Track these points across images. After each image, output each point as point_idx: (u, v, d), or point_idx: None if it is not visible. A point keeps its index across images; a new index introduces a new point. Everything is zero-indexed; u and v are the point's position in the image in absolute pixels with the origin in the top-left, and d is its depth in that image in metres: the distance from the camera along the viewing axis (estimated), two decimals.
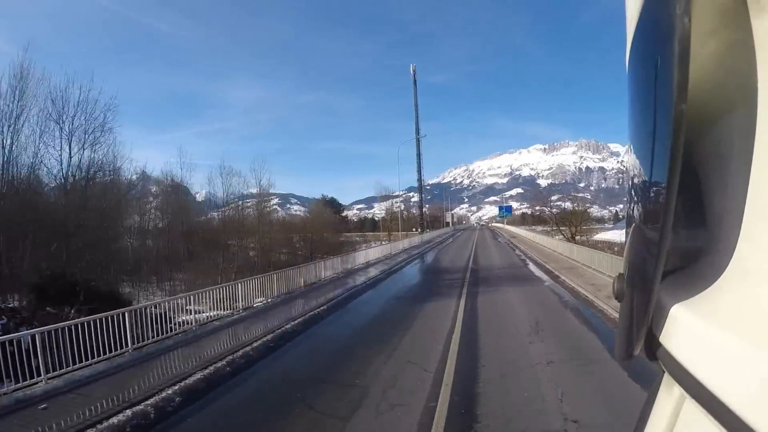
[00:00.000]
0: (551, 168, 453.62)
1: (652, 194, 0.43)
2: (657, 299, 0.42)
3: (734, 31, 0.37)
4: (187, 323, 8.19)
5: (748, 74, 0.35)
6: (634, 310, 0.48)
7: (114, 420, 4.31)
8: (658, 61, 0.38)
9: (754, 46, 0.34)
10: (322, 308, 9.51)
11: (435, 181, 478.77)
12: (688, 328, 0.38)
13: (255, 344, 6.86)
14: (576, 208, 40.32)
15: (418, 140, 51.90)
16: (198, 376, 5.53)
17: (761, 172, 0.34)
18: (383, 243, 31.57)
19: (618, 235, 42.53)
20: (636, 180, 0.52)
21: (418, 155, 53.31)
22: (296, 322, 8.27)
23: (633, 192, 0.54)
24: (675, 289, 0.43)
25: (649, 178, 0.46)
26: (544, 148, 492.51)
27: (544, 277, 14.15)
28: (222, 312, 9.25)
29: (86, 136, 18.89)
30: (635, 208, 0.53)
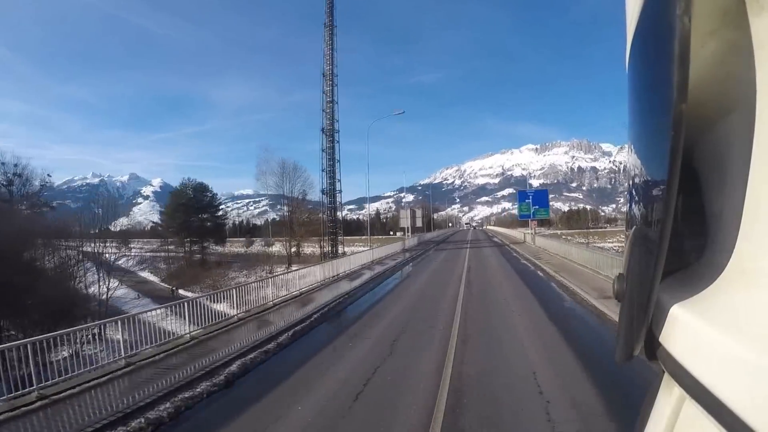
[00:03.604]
0: (543, 168, 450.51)
1: (652, 194, 0.43)
2: (657, 299, 0.42)
3: (734, 31, 0.36)
4: None
5: (747, 74, 0.35)
6: (634, 310, 0.47)
7: None
8: (658, 61, 0.37)
9: (754, 46, 0.34)
10: None
11: (426, 181, 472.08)
12: (687, 328, 0.38)
13: None
14: None
15: (331, 57, 29.70)
16: None
17: (760, 172, 0.34)
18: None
19: None
20: (636, 180, 0.51)
21: (329, 101, 29.58)
22: None
23: (633, 192, 0.53)
24: (675, 289, 0.43)
25: (649, 178, 0.45)
26: (536, 148, 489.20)
27: None
28: None
29: None
30: (635, 207, 0.52)
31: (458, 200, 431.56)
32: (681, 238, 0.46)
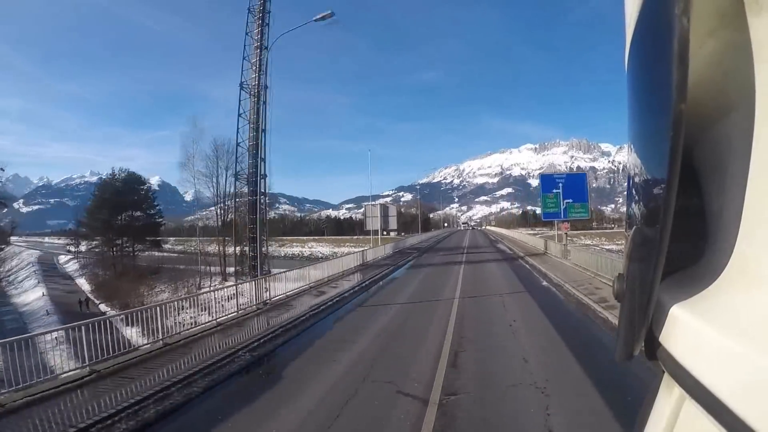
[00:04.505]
0: (542, 168, 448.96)
1: (652, 194, 0.42)
2: (657, 299, 0.42)
3: (733, 31, 0.36)
4: None
5: (746, 74, 0.35)
6: (634, 310, 0.47)
7: None
8: (657, 61, 0.37)
9: (752, 47, 0.34)
10: None
11: (425, 180, 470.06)
12: (687, 328, 0.38)
13: None
14: None
15: None
16: None
17: (760, 172, 0.34)
18: None
19: None
20: (636, 180, 0.51)
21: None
22: None
23: (633, 192, 0.53)
24: (675, 289, 0.43)
25: (649, 178, 0.45)
26: (535, 148, 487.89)
27: None
28: None
29: None
30: (635, 207, 0.52)
31: (457, 200, 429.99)
32: (681, 238, 0.45)
